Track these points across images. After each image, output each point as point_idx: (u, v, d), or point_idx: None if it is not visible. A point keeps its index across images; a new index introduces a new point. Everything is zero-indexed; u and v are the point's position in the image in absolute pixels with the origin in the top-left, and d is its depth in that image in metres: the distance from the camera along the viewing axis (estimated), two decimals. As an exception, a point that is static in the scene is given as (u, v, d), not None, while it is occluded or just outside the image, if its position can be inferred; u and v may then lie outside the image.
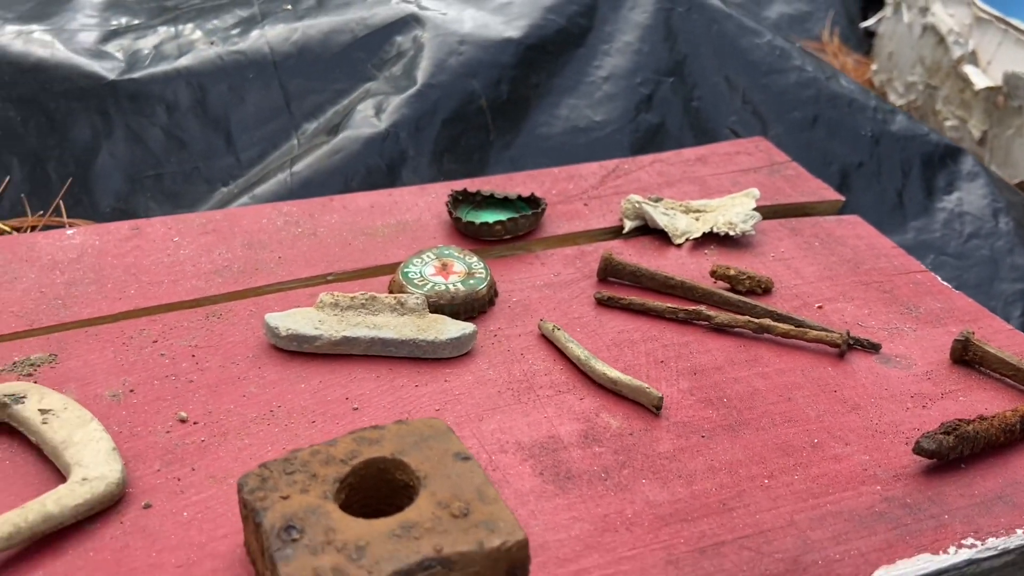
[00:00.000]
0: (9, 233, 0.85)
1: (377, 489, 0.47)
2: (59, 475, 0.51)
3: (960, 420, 0.55)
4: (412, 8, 0.99)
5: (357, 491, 0.46)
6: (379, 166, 0.90)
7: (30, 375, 0.59)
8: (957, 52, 1.32)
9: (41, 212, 0.88)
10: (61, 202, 0.89)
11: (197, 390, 0.59)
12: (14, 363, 0.60)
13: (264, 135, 0.94)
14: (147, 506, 0.50)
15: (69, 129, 0.91)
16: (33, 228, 0.86)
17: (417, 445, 0.48)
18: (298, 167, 0.89)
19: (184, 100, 0.93)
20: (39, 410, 0.53)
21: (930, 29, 1.39)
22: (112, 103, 0.92)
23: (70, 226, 0.88)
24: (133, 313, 0.66)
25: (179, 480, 0.52)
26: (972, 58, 1.31)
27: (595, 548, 0.49)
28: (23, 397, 0.54)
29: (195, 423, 0.56)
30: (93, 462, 0.50)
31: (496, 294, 0.71)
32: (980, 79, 1.27)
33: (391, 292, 0.69)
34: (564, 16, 1.02)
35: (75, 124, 0.91)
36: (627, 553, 0.48)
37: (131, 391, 0.59)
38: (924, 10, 1.41)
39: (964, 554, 0.49)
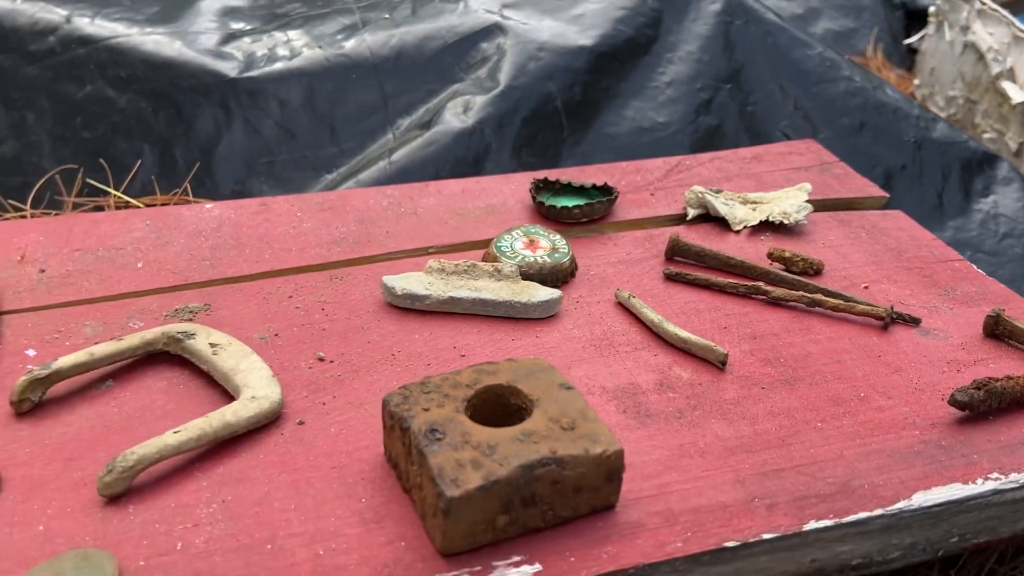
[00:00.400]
0: (140, 208, 0.95)
1: (494, 411, 0.55)
2: (227, 396, 0.61)
3: (990, 378, 0.63)
4: (496, 18, 1.09)
5: (479, 411, 0.55)
6: (466, 157, 0.99)
7: (190, 319, 0.69)
8: (996, 68, 1.38)
9: (176, 191, 0.98)
10: (188, 184, 0.99)
11: (329, 337, 0.69)
12: (176, 310, 0.70)
13: (363, 128, 1.03)
14: (301, 423, 0.59)
15: (194, 120, 1.02)
16: (163, 206, 0.97)
17: (527, 377, 0.56)
18: (396, 156, 0.98)
19: (295, 97, 1.03)
20: (209, 344, 0.63)
21: (970, 47, 1.45)
22: (232, 98, 1.02)
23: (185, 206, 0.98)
24: (269, 274, 0.76)
25: (324, 404, 0.61)
26: (1010, 74, 1.37)
27: (673, 469, 0.57)
28: (193, 334, 0.64)
29: (331, 362, 0.66)
30: (258, 384, 0.59)
31: (576, 267, 0.79)
32: (1017, 94, 1.33)
33: (485, 262, 0.78)
34: (632, 27, 1.11)
35: (200, 116, 1.02)
36: (701, 474, 0.56)
37: (275, 335, 0.68)
38: (965, 29, 1.47)
39: (990, 485, 0.56)
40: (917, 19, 1.74)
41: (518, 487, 0.48)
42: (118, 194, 0.98)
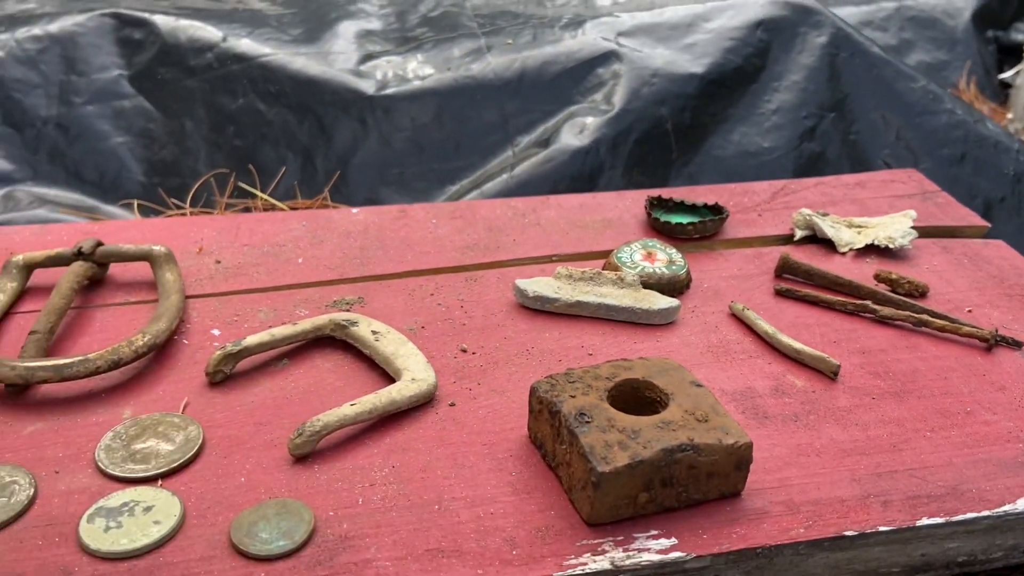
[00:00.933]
0: (283, 210, 1.04)
1: (629, 402, 0.61)
2: (385, 378, 0.68)
3: (1096, 400, 0.65)
4: (612, 46, 1.15)
5: (617, 401, 0.60)
6: (582, 174, 1.05)
7: (347, 310, 0.77)
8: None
9: (322, 196, 1.07)
10: (327, 191, 1.08)
11: (469, 331, 0.75)
12: (334, 301, 0.78)
13: (486, 145, 1.10)
14: (452, 404, 0.66)
15: (334, 132, 1.10)
16: (309, 209, 1.05)
17: (661, 373, 0.62)
18: (516, 171, 1.05)
19: (425, 114, 1.11)
20: (371, 331, 0.70)
21: (1073, 81, 1.45)
22: (369, 113, 1.11)
23: (333, 209, 1.06)
24: (412, 273, 0.83)
25: (470, 390, 0.68)
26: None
27: (792, 465, 0.61)
28: (356, 322, 0.71)
29: (473, 353, 0.72)
30: (416, 368, 0.66)
31: (691, 280, 0.85)
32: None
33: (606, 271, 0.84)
34: (741, 56, 1.16)
35: (339, 129, 1.10)
36: (818, 471, 0.61)
37: (422, 327, 0.75)
38: (1068, 64, 1.47)
39: (1096, 497, 0.59)
40: (1010, 54, 1.74)
41: (659, 468, 0.54)
42: (265, 196, 1.07)
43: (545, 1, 1.26)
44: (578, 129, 1.08)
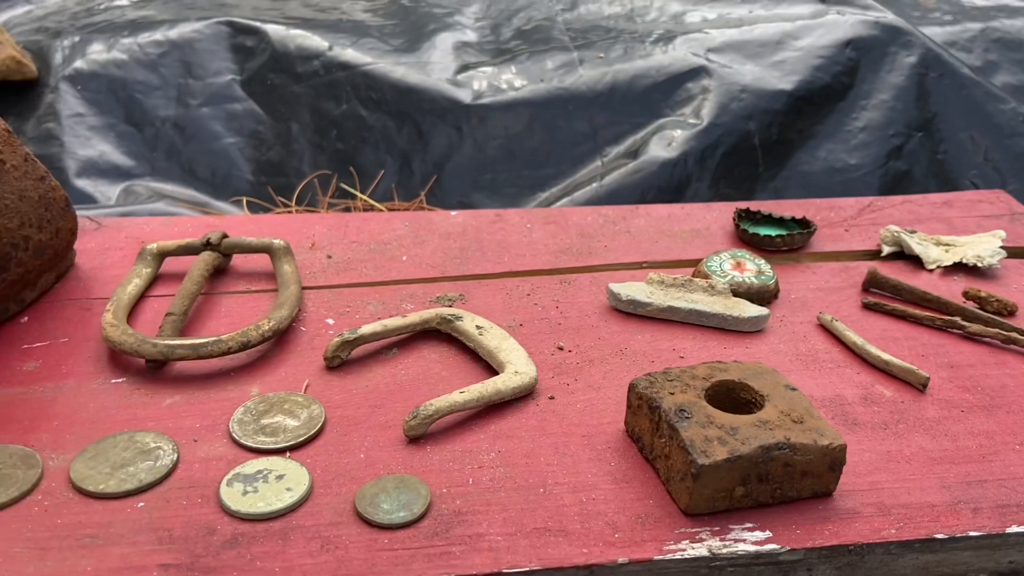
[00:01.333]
0: (381, 211, 1.09)
1: (724, 402, 0.64)
2: (488, 370, 0.72)
3: None
4: (702, 61, 1.18)
5: (713, 401, 0.63)
6: (669, 185, 1.08)
7: (449, 306, 0.81)
8: None
9: (419, 199, 1.13)
10: (423, 195, 1.13)
11: (564, 330, 0.79)
12: (437, 297, 0.82)
13: (575, 154, 1.14)
14: (551, 398, 0.69)
15: (431, 138, 1.16)
16: (407, 211, 1.10)
17: (755, 376, 0.64)
18: (605, 180, 1.09)
19: (518, 123, 1.15)
20: (475, 326, 0.74)
21: None
22: (464, 121, 1.15)
23: (433, 212, 1.11)
24: (509, 274, 0.87)
25: (568, 385, 0.71)
26: None
27: (882, 470, 0.63)
28: (460, 317, 0.75)
29: (569, 351, 0.76)
30: (519, 362, 0.70)
31: (779, 290, 0.87)
32: None
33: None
34: (829, 74, 1.17)
35: (436, 135, 1.16)
36: (908, 477, 0.63)
37: (520, 325, 0.79)
38: None
39: None
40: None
41: (756, 464, 0.56)
42: (364, 197, 1.13)
43: (635, 16, 1.29)
44: (666, 141, 1.11)
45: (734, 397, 0.64)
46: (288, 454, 0.61)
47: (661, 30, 1.22)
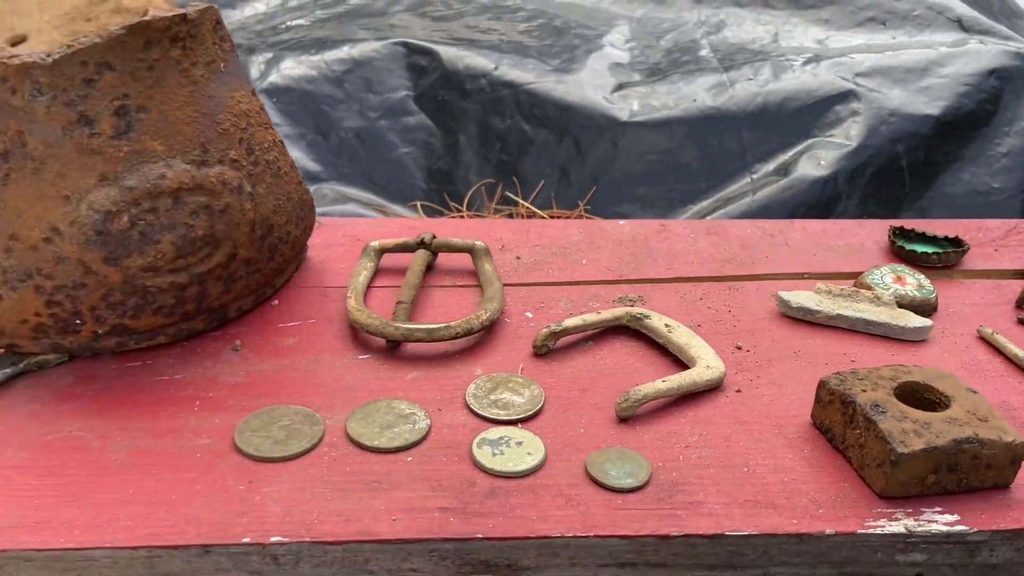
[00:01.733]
0: (544, 217, 1.19)
1: (911, 402, 0.70)
2: (678, 364, 0.80)
3: None
4: (851, 85, 1.23)
5: (901, 399, 0.69)
6: (819, 202, 1.14)
7: (631, 306, 0.89)
8: None
9: (580, 208, 1.21)
10: (582, 204, 1.22)
11: (740, 332, 0.86)
12: (619, 298, 0.91)
13: (725, 171, 1.21)
14: (738, 391, 0.77)
15: (588, 152, 1.24)
16: (576, 219, 1.19)
17: (938, 379, 0.70)
18: (757, 196, 1.16)
19: (671, 139, 1.23)
20: (664, 324, 0.82)
21: None
22: (620, 136, 1.24)
23: (603, 220, 1.20)
24: (679, 279, 0.95)
25: (751, 380, 0.78)
26: None
27: (1056, 470, 0.68)
28: (648, 316, 0.84)
29: (747, 351, 0.83)
30: (708, 357, 0.78)
31: (938, 304, 0.92)
32: None
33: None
34: (974, 101, 1.21)
35: (593, 149, 1.24)
36: (1082, 477, 0.68)
37: (698, 325, 0.87)
38: None
39: None
40: None
41: (948, 455, 0.63)
42: (527, 205, 1.22)
43: (780, 40, 1.35)
44: (816, 161, 1.17)
45: (919, 397, 0.70)
46: (520, 425, 0.70)
47: (808, 54, 1.28)
